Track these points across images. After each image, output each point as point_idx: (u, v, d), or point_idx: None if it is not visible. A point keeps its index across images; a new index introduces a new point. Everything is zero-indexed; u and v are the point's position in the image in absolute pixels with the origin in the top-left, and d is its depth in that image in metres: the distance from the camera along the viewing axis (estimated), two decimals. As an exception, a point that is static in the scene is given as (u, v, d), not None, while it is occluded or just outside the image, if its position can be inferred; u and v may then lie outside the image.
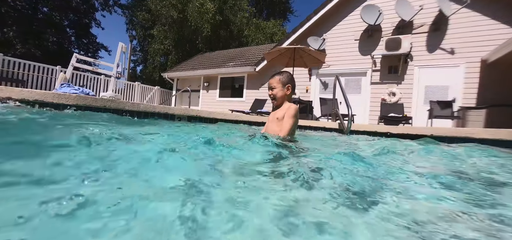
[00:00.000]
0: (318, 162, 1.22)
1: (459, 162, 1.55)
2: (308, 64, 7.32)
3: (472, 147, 1.90)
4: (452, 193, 0.89)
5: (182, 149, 1.23)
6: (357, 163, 1.20)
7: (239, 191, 0.77)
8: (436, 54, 6.77)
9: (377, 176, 1.06)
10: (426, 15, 6.86)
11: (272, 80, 1.92)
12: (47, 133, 1.37)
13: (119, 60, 5.64)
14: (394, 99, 7.03)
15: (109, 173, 0.81)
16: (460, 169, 1.36)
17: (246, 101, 9.82)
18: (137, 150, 1.10)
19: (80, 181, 0.71)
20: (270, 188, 0.85)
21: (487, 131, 2.08)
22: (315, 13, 8.22)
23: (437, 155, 1.73)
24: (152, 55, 19.87)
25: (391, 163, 1.39)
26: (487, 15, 6.22)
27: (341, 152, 1.36)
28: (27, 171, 0.74)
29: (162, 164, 0.96)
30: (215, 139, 1.36)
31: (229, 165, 1.06)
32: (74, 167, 0.84)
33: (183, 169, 0.95)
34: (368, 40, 7.62)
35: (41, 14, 18.90)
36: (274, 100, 1.92)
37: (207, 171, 0.95)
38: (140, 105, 2.53)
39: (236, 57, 11.66)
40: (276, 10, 24.98)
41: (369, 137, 2.97)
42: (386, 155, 1.59)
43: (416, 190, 0.92)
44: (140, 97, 11.55)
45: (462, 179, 1.10)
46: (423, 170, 1.25)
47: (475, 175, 1.23)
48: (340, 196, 0.78)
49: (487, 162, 1.54)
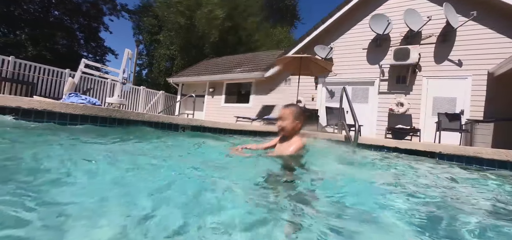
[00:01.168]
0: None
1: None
2: (315, 73, 7.30)
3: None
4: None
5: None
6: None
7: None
8: (444, 65, 6.68)
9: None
10: (434, 26, 6.80)
11: (284, 111, 1.82)
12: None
13: (125, 66, 5.71)
14: (402, 110, 6.92)
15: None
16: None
17: (252, 107, 9.80)
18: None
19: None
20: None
21: (495, 151, 2.02)
22: (323, 21, 8.21)
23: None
24: (158, 60, 20.15)
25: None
26: (493, 29, 6.17)
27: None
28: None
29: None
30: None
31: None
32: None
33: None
34: (376, 49, 7.57)
35: (52, 17, 19.42)
36: (282, 131, 1.83)
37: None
38: (145, 115, 2.53)
39: (243, 63, 11.71)
40: (285, 17, 25.13)
41: (378, 154, 2.90)
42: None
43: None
44: (145, 102, 11.66)
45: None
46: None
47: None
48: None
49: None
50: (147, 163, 1.31)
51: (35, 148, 1.27)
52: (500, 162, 2.02)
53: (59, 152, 1.26)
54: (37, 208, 0.67)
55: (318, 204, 0.98)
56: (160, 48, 19.64)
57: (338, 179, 1.41)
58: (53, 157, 1.18)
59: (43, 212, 0.66)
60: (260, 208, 0.83)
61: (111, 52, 23.77)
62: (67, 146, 1.45)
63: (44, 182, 0.88)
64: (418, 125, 6.67)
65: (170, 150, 1.96)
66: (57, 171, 0.97)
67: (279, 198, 0.98)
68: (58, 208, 0.70)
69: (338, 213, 0.88)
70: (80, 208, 0.72)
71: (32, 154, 1.14)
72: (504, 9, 6.06)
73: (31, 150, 1.20)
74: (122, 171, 1.09)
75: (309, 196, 1.09)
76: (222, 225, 0.68)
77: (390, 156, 2.70)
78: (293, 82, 8.77)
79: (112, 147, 1.67)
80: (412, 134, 6.15)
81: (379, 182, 1.49)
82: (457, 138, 6.03)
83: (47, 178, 0.91)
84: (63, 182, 0.90)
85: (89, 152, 1.40)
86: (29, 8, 17.56)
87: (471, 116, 6.16)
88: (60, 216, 0.65)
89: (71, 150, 1.38)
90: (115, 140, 1.85)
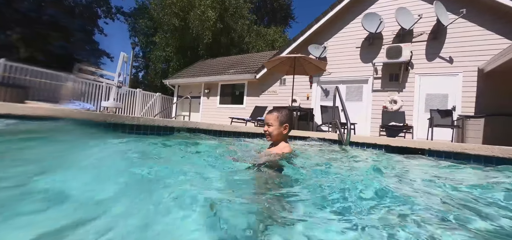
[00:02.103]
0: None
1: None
2: (309, 72, 7.36)
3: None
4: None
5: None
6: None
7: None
8: (435, 63, 6.80)
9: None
10: (425, 24, 6.92)
11: (270, 116, 1.79)
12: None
13: (121, 70, 5.70)
14: (396, 107, 7.03)
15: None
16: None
17: (246, 108, 9.84)
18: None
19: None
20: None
21: (481, 147, 2.10)
22: (316, 21, 8.29)
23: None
24: (153, 62, 20.06)
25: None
26: (483, 26, 6.32)
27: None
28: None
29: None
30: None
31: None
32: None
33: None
34: (369, 48, 7.66)
35: (46, 16, 19.10)
36: (269, 136, 1.81)
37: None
38: (140, 119, 2.55)
39: (236, 64, 11.74)
40: (277, 17, 25.23)
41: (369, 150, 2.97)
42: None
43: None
44: (141, 104, 11.61)
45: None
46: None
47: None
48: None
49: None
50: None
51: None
52: (485, 157, 2.09)
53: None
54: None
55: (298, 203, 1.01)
56: (156, 50, 19.56)
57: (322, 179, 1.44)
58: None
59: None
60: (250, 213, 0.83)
61: (106, 55, 23.62)
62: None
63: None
64: (411, 122, 6.77)
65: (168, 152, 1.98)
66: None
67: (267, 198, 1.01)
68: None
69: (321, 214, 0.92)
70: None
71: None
72: (492, 7, 6.20)
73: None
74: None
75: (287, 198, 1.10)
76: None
77: (380, 154, 2.76)
78: (288, 81, 8.83)
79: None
80: (405, 131, 6.25)
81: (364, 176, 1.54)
82: (449, 134, 6.14)
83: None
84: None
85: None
86: (20, 8, 17.25)
87: (463, 112, 6.29)
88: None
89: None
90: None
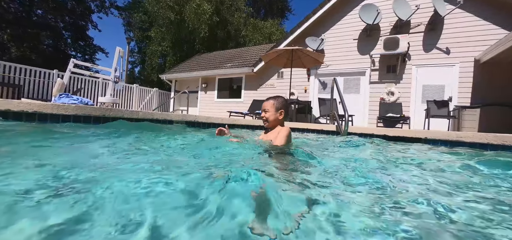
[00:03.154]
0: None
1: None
2: (306, 65, 7.34)
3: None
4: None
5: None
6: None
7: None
8: (432, 54, 6.83)
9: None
10: (423, 15, 6.91)
11: (266, 104, 1.94)
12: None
13: (117, 64, 5.64)
14: (393, 99, 7.07)
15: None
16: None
17: (244, 102, 9.83)
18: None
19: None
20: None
21: (476, 135, 2.13)
22: (314, 13, 8.23)
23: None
24: (150, 57, 19.84)
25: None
26: (479, 16, 6.33)
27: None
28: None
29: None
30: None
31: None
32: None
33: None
34: (367, 39, 7.65)
35: (35, 16, 18.77)
36: (266, 122, 1.94)
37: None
38: (139, 113, 2.54)
39: (233, 58, 11.66)
40: (274, 9, 24.99)
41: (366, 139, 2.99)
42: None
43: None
44: (138, 100, 11.52)
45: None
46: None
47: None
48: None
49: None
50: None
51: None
52: (480, 144, 2.13)
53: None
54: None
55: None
56: (151, 45, 19.32)
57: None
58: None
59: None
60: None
61: (101, 50, 23.28)
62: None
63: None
64: (408, 113, 6.83)
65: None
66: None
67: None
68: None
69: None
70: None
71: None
72: (489, -4, 6.20)
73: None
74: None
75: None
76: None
77: (378, 142, 2.79)
78: (286, 75, 8.81)
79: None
80: (402, 122, 6.31)
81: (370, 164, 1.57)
82: (445, 125, 6.22)
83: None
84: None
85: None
86: (10, 7, 16.90)
87: (459, 103, 6.35)
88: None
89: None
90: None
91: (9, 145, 1.37)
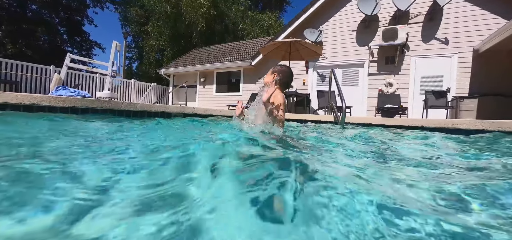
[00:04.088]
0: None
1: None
2: (305, 57, 7.31)
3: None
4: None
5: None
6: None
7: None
8: (431, 44, 6.80)
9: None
10: (422, 4, 6.86)
11: (268, 72, 2.16)
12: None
13: (114, 59, 5.59)
14: (391, 90, 7.07)
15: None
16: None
17: (243, 95, 9.81)
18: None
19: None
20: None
21: (471, 121, 2.15)
22: (312, 4, 8.15)
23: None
24: (147, 52, 19.67)
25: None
26: (478, 6, 6.29)
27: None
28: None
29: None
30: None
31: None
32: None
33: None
34: (365, 31, 7.61)
35: (30, 12, 18.50)
36: (264, 85, 2.12)
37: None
38: (137, 104, 2.54)
39: (231, 51, 11.59)
40: (272, 2, 24.71)
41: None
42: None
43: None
44: (137, 95, 11.48)
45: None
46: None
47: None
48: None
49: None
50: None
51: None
52: (476, 131, 2.15)
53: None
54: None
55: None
56: (148, 39, 19.13)
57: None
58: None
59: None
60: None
61: (97, 46, 23.00)
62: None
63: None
64: (406, 104, 6.85)
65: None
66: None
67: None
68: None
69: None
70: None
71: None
72: (488, -15, 6.16)
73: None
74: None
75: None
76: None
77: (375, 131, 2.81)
78: (284, 67, 8.76)
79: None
80: (401, 113, 6.33)
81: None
82: (443, 115, 6.24)
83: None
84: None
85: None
86: (3, 3, 16.63)
87: (457, 93, 6.37)
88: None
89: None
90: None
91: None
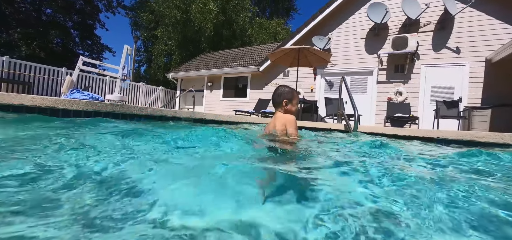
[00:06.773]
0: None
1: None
2: (313, 64, 7.29)
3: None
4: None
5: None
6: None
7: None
8: (442, 53, 6.70)
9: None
10: (432, 13, 6.78)
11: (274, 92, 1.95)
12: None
13: (125, 62, 5.69)
14: (401, 99, 6.97)
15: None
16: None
17: (250, 101, 9.82)
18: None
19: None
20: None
21: (491, 135, 2.07)
22: (320, 12, 8.16)
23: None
24: (156, 56, 20.00)
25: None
26: (491, 15, 6.18)
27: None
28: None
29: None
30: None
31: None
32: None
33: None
34: (375, 38, 7.56)
35: (45, 15, 19.13)
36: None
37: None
38: (148, 109, 2.55)
39: (239, 57, 11.67)
40: (279, 9, 24.90)
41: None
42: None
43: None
44: (144, 98, 11.63)
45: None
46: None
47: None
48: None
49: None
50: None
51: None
52: (496, 144, 2.07)
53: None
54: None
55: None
56: (157, 44, 19.48)
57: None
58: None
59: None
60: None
61: (108, 49, 23.56)
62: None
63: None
64: (416, 113, 6.72)
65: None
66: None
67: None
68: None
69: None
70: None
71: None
72: (502, -5, 6.05)
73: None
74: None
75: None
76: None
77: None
78: (292, 74, 8.77)
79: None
80: (411, 122, 6.21)
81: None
82: (455, 125, 6.09)
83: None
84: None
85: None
86: (20, 7, 17.26)
87: (469, 103, 6.22)
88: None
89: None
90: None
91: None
